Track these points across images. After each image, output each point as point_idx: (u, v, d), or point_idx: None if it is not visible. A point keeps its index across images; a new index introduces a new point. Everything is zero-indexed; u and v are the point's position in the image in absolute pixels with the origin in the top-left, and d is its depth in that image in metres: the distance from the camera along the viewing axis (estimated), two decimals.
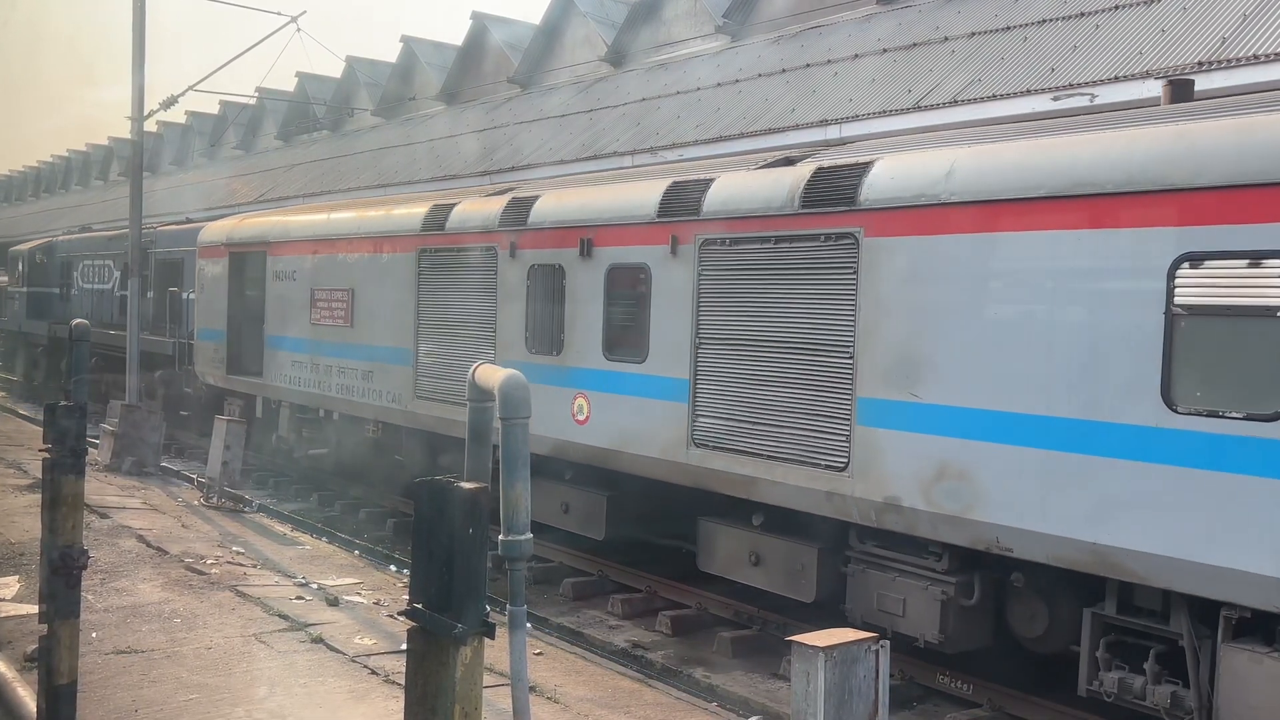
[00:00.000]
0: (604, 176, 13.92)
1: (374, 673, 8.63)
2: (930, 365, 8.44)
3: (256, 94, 41.56)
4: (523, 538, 5.25)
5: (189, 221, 23.99)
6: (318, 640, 9.41)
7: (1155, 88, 14.10)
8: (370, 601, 10.97)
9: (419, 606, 4.67)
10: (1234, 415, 6.78)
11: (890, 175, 8.86)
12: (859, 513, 8.99)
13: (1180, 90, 8.76)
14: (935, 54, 18.60)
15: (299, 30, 21.19)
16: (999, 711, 9.17)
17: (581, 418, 11.65)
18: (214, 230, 20.29)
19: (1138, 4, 16.22)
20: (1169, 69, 14.25)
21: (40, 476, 6.40)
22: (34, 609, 7.54)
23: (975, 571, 8.75)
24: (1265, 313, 6.61)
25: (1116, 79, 14.68)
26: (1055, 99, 15.10)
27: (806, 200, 9.36)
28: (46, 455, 5.87)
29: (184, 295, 21.96)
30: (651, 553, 12.27)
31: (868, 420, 8.84)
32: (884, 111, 17.49)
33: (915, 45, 19.26)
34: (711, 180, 10.52)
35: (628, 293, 11.26)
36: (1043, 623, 8.69)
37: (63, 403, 5.98)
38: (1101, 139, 7.73)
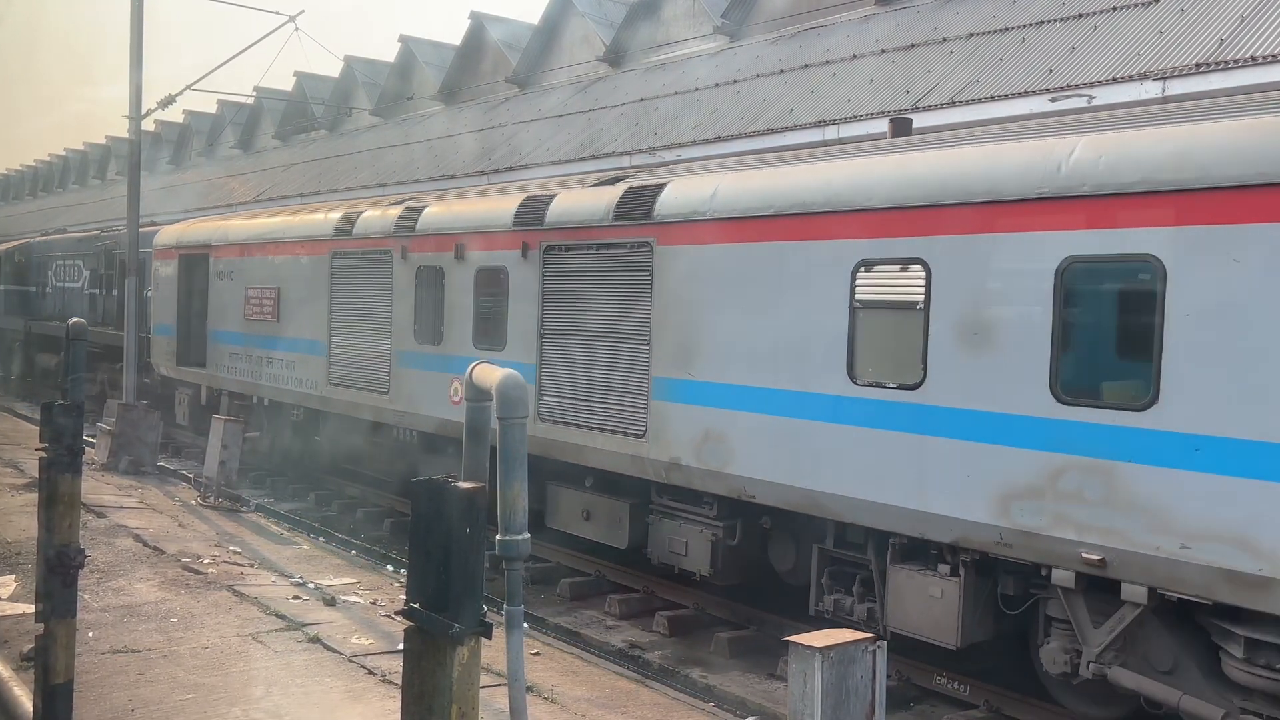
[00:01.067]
0: (476, 191, 16.51)
1: (371, 672, 8.62)
2: (699, 350, 10.49)
3: (254, 93, 41.54)
4: (520, 537, 5.25)
5: (152, 224, 25.35)
6: (315, 640, 9.40)
7: (1154, 89, 14.12)
8: (367, 601, 10.96)
9: (416, 606, 4.66)
10: (891, 386, 8.79)
11: (676, 195, 10.93)
12: (654, 471, 11.09)
13: (900, 127, 10.73)
14: (933, 55, 18.61)
15: (297, 30, 21.20)
16: (995, 712, 9.18)
17: (456, 399, 13.49)
18: (166, 234, 22.40)
19: (1136, 5, 16.23)
20: (1167, 70, 14.27)
21: (37, 475, 6.38)
22: (30, 608, 7.53)
23: (738, 517, 10.73)
24: (908, 306, 8.69)
25: (1114, 80, 14.69)
26: (1053, 100, 15.11)
27: (618, 214, 11.39)
28: (43, 454, 5.86)
29: (145, 293, 23.49)
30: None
31: (659, 395, 10.94)
32: (882, 112, 17.49)
33: (913, 46, 19.27)
34: (553, 196, 12.52)
35: (492, 290, 13.12)
36: (791, 559, 10.64)
37: (59, 401, 5.97)
38: (817, 167, 9.84)
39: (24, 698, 6.86)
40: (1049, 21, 17.32)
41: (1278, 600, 6.65)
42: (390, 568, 13.02)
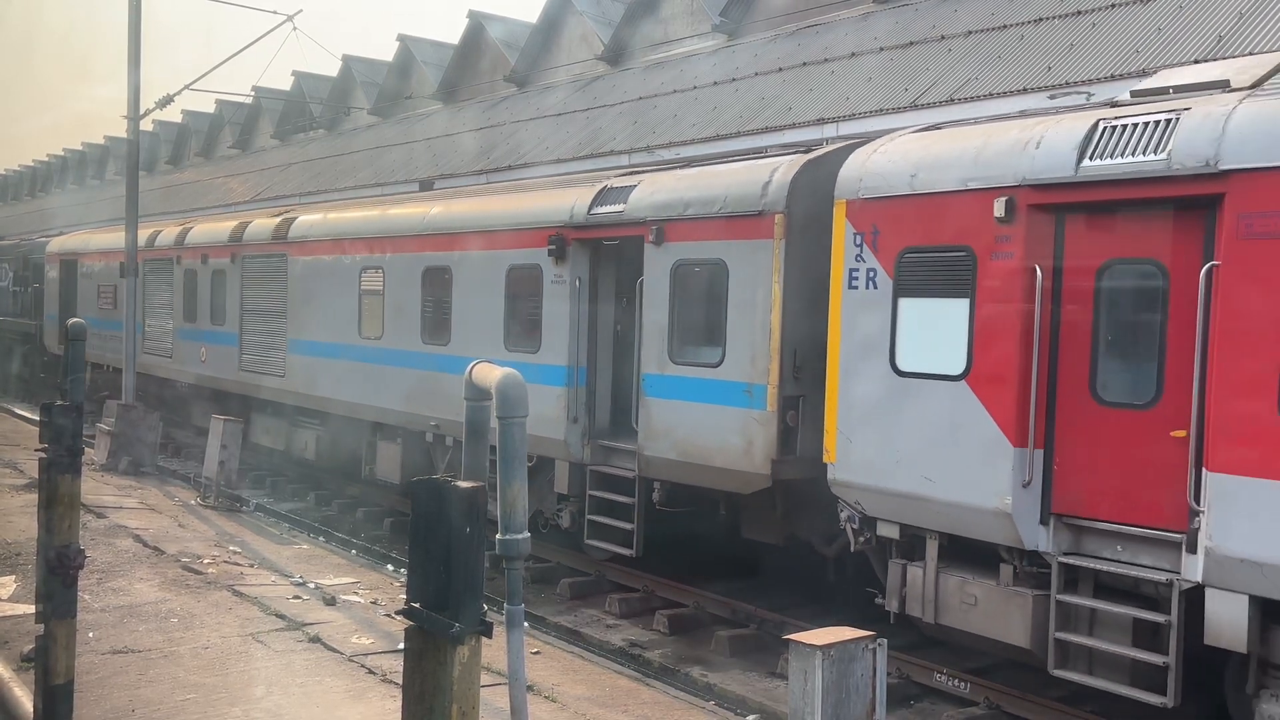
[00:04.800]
0: (296, 208, 22.07)
1: (371, 672, 8.62)
2: (306, 319, 17.91)
3: (253, 93, 41.49)
4: (520, 536, 5.24)
5: (60, 233, 32.83)
6: (315, 640, 9.40)
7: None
8: (367, 601, 10.96)
9: (416, 606, 4.65)
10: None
11: (304, 224, 18.30)
12: (290, 399, 18.40)
13: (425, 184, 19.35)
14: (932, 52, 18.60)
15: (295, 29, 21.18)
16: (995, 710, 9.17)
17: (203, 359, 21.10)
18: (54, 244, 30.41)
19: (1134, 3, 16.22)
20: (1165, 67, 14.24)
21: (37, 476, 6.38)
22: (31, 609, 7.53)
23: (331, 424, 17.87)
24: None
25: (1113, 77, 14.67)
26: (1051, 97, 15.07)
27: (274, 236, 18.91)
28: (43, 455, 5.85)
29: (34, 288, 31.61)
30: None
31: (290, 350, 18.38)
32: (881, 110, 17.48)
33: (912, 44, 19.25)
34: (249, 223, 20.04)
35: (219, 284, 20.51)
36: (357, 445, 17.24)
37: (59, 402, 5.96)
38: (347, 215, 17.81)
39: (24, 698, 6.86)
40: (1048, 19, 17.30)
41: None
42: (390, 567, 13.02)
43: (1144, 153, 7.70)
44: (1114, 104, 8.74)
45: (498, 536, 5.24)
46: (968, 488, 8.50)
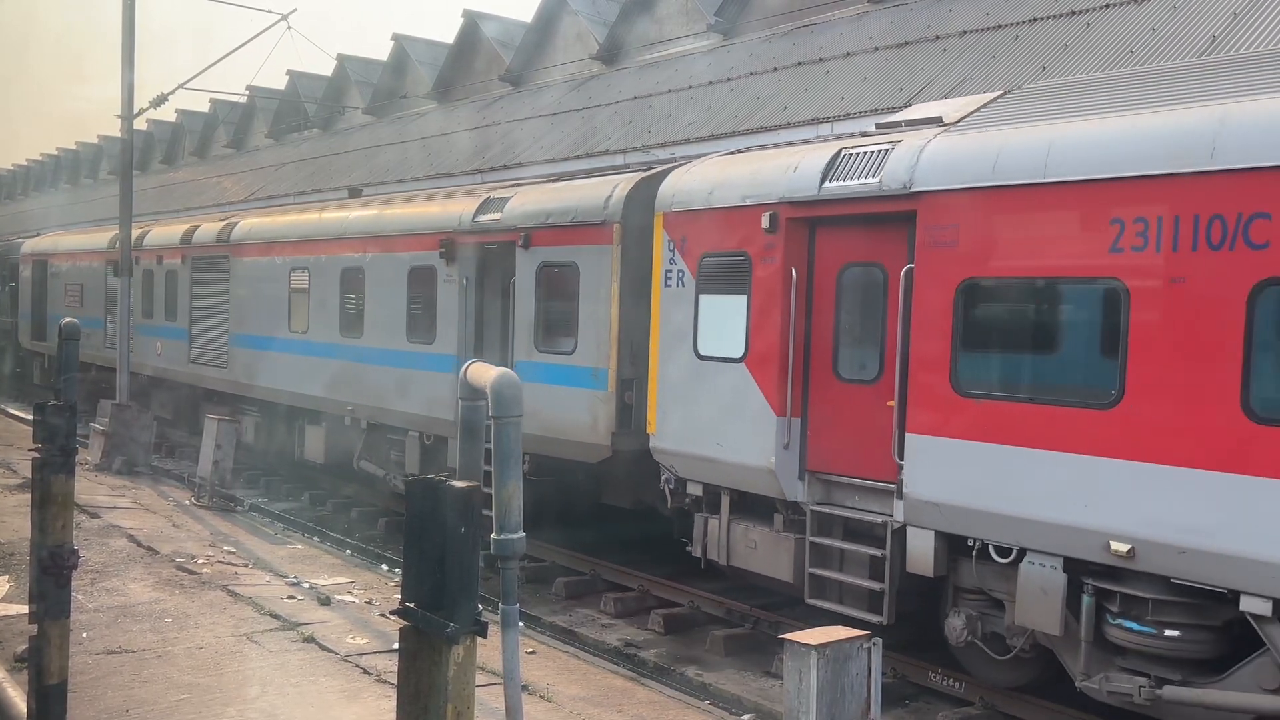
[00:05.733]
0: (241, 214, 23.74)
1: (366, 672, 8.61)
2: (248, 316, 19.61)
3: (247, 92, 41.40)
4: (515, 536, 5.24)
5: (38, 235, 35.02)
6: (309, 640, 9.38)
7: None
8: (362, 601, 10.94)
9: (411, 605, 4.64)
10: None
11: (245, 228, 20.17)
12: (232, 389, 19.96)
13: (354, 191, 22.22)
14: (927, 52, 18.61)
15: (289, 28, 21.12)
16: (991, 709, 9.18)
17: (158, 352, 22.85)
18: (29, 244, 32.74)
19: (1128, 3, 16.25)
20: (1160, 68, 14.25)
21: (30, 476, 6.36)
22: (24, 609, 7.51)
23: (267, 412, 19.58)
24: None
25: (878, 110, 14.82)
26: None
27: (217, 240, 20.74)
28: (36, 454, 5.84)
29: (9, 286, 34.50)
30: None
31: (232, 343, 20.08)
32: (876, 109, 17.48)
33: (907, 43, 19.26)
34: (197, 227, 21.90)
35: (170, 284, 22.42)
36: (289, 435, 18.87)
37: (52, 401, 5.94)
38: (279, 219, 19.55)
39: (18, 699, 6.84)
40: (1042, 19, 17.32)
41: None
42: (385, 567, 13.01)
43: (866, 176, 9.41)
44: (863, 134, 10.52)
45: (493, 536, 5.24)
46: (746, 451, 10.26)
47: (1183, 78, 8.35)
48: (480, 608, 4.67)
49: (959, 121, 9.36)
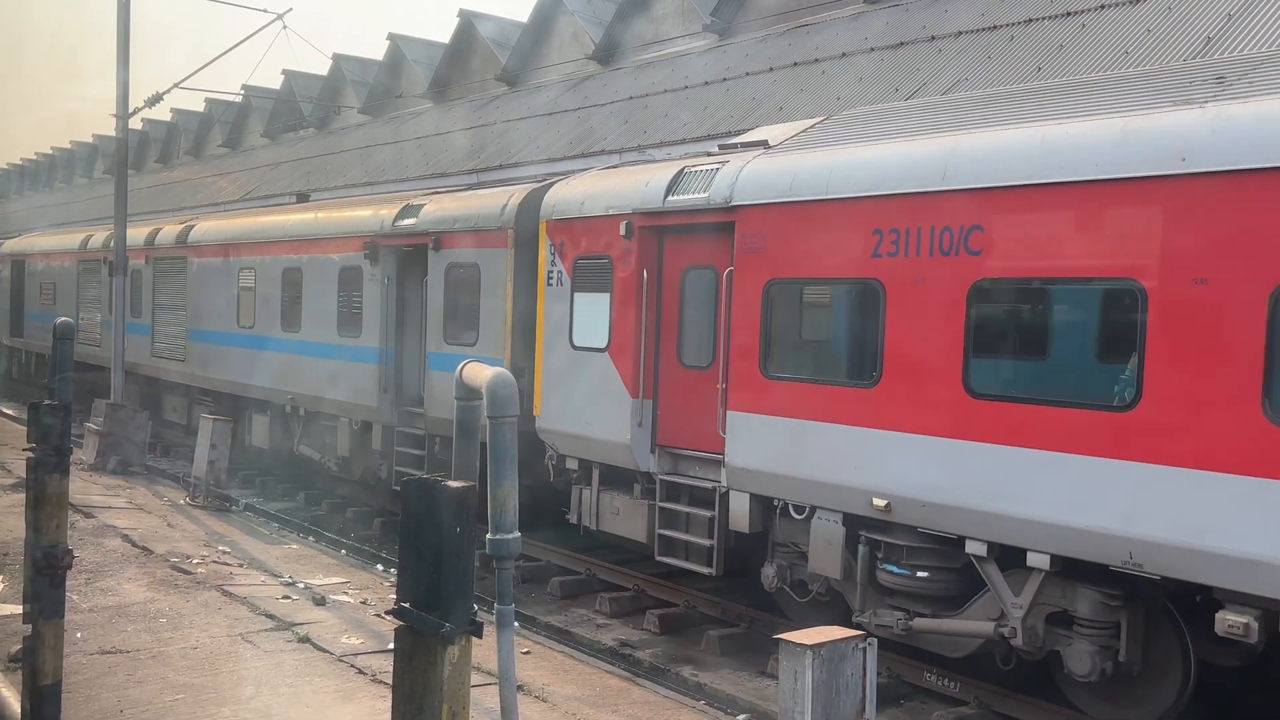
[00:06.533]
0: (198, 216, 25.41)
1: (361, 672, 8.60)
2: (203, 313, 21.10)
3: (242, 92, 41.29)
4: (510, 536, 5.22)
5: (21, 235, 36.32)
6: (304, 640, 9.37)
7: None
8: (357, 601, 10.93)
9: (407, 605, 4.65)
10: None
11: (201, 230, 21.64)
12: (192, 380, 21.66)
13: (302, 196, 22.79)
14: (923, 53, 18.62)
15: (285, 28, 21.06)
16: (985, 709, 9.19)
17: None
18: (7, 245, 34.81)
19: (1124, 3, 16.26)
20: (1156, 69, 14.27)
21: (24, 476, 6.35)
22: (18, 609, 7.48)
23: (233, 403, 20.40)
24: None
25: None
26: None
27: (176, 241, 22.36)
28: (30, 454, 5.82)
29: None
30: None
31: (190, 338, 21.56)
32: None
33: (903, 44, 19.27)
34: (160, 230, 23.50)
35: (136, 285, 23.52)
36: (239, 417, 19.62)
37: (46, 401, 5.93)
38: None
39: (12, 699, 6.83)
40: (1037, 19, 17.34)
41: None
42: (380, 567, 13.00)
43: (699, 192, 10.96)
44: (706, 154, 12.08)
45: (488, 536, 5.23)
46: (610, 429, 11.72)
47: (945, 110, 9.83)
48: (475, 608, 4.67)
49: (779, 145, 10.79)
